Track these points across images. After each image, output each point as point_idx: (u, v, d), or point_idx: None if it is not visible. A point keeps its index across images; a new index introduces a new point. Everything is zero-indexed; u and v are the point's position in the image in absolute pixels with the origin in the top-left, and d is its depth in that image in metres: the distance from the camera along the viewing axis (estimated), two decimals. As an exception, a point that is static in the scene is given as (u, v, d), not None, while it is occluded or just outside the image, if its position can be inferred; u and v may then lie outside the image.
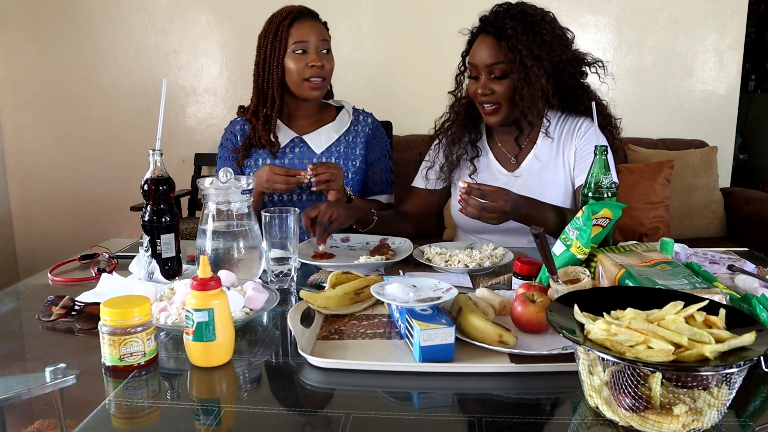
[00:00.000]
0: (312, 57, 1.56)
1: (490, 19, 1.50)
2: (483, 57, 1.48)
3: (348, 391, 0.81)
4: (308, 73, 1.56)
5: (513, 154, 1.61)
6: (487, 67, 1.47)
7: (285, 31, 1.56)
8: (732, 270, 1.13)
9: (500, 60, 1.46)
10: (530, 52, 1.43)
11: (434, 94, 1.78)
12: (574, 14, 3.12)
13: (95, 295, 1.10)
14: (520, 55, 1.43)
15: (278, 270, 1.17)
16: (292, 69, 1.57)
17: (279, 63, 1.58)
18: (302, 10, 1.60)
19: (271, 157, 1.66)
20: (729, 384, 0.67)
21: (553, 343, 0.90)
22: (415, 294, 0.94)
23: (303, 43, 1.56)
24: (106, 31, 3.30)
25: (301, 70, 1.56)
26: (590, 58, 1.55)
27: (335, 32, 1.72)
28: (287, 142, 1.67)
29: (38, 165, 3.46)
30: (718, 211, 2.98)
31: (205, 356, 0.85)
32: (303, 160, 1.66)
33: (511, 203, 1.30)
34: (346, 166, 1.68)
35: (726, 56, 3.16)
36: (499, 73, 1.47)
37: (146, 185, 1.16)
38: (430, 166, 1.68)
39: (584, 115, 1.57)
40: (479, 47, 1.50)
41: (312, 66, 1.55)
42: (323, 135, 1.68)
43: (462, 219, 1.59)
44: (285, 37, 1.56)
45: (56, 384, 0.79)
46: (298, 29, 1.57)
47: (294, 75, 1.57)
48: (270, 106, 1.63)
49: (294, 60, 1.56)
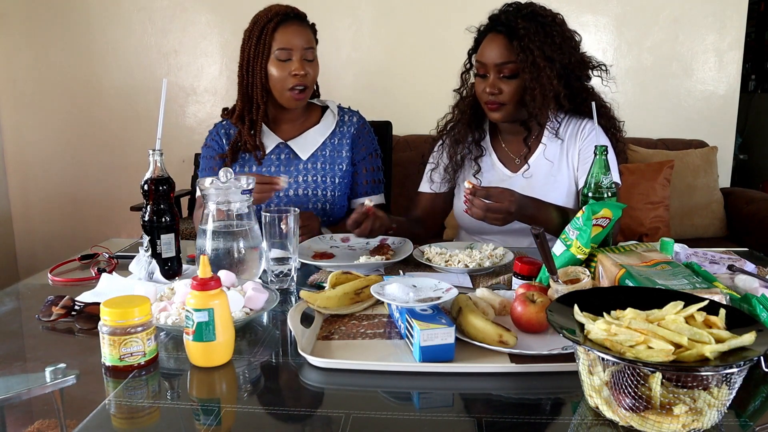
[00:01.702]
0: (295, 65, 1.52)
1: (501, 18, 1.49)
2: (493, 56, 1.47)
3: (348, 391, 0.81)
4: (291, 83, 1.53)
5: (518, 155, 1.61)
6: (497, 66, 1.47)
7: (269, 35, 1.52)
8: (732, 270, 1.13)
9: (511, 59, 1.45)
10: (542, 53, 1.44)
11: (434, 94, 1.78)
12: (574, 14, 3.11)
13: (95, 295, 1.10)
14: (533, 56, 1.43)
15: (278, 270, 1.17)
16: (275, 76, 1.54)
17: (262, 67, 1.54)
18: (288, 12, 1.56)
19: (257, 163, 1.63)
20: (729, 384, 0.67)
21: (553, 343, 0.90)
22: (415, 294, 0.94)
23: (287, 50, 1.52)
24: (106, 31, 3.30)
25: (284, 79, 1.53)
26: (595, 62, 1.55)
27: (335, 32, 1.72)
28: (272, 148, 1.64)
29: (38, 165, 3.46)
30: (718, 211, 2.98)
31: (205, 356, 0.85)
32: (289, 167, 1.64)
33: (516, 204, 1.30)
34: (332, 170, 1.66)
35: (726, 56, 3.16)
36: (509, 72, 1.46)
37: (146, 185, 1.16)
38: (434, 167, 1.68)
39: (588, 117, 1.57)
40: (489, 45, 1.49)
41: (295, 75, 1.52)
42: (309, 139, 1.65)
43: (466, 220, 1.58)
44: (269, 41, 1.53)
45: (56, 384, 0.79)
46: (282, 34, 1.53)
47: (276, 83, 1.55)
48: (255, 111, 1.60)
49: (277, 67, 1.53)
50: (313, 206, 1.66)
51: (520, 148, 1.60)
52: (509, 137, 1.63)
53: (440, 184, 1.67)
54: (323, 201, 1.66)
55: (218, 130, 1.69)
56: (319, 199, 1.66)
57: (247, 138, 1.60)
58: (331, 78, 1.63)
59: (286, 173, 1.64)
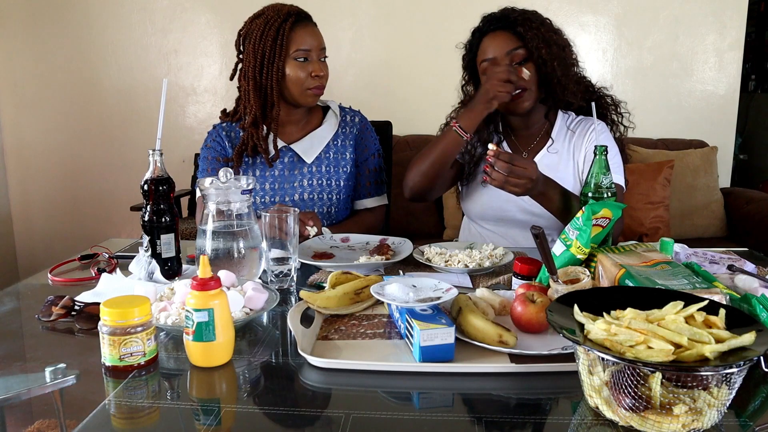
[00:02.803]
0: (315, 66, 1.52)
1: (497, 15, 1.51)
2: (501, 46, 1.48)
3: (348, 391, 0.81)
4: (311, 84, 1.53)
5: (526, 149, 1.61)
6: (508, 54, 1.47)
7: (286, 35, 1.50)
8: (732, 270, 1.13)
9: (520, 45, 1.46)
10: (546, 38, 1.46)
11: (434, 94, 1.78)
12: (574, 14, 3.11)
13: (95, 295, 1.10)
14: (540, 33, 1.45)
15: (278, 270, 1.17)
16: (293, 77, 1.52)
17: (279, 68, 1.52)
18: (301, 13, 1.55)
19: (266, 166, 1.62)
20: (729, 384, 0.67)
21: (553, 343, 0.90)
22: (415, 294, 0.94)
23: (306, 51, 1.52)
24: (106, 31, 3.30)
25: (304, 80, 1.52)
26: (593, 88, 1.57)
27: (335, 32, 1.72)
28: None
29: (38, 165, 3.46)
30: (718, 211, 2.98)
31: (205, 356, 0.85)
32: (293, 171, 1.63)
33: (538, 173, 1.30)
34: (336, 173, 1.65)
35: (726, 56, 3.16)
36: (520, 58, 1.47)
37: (146, 185, 1.16)
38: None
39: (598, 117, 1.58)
40: (492, 42, 1.49)
41: (315, 76, 1.52)
42: (313, 142, 1.64)
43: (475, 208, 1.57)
44: (286, 42, 1.51)
45: (56, 384, 0.79)
46: (301, 35, 1.52)
47: (295, 83, 1.53)
48: (270, 112, 1.57)
49: (296, 67, 1.52)
50: (318, 210, 1.64)
51: (529, 142, 1.61)
52: (519, 132, 1.63)
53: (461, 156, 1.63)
54: (328, 204, 1.65)
55: (219, 132, 1.66)
56: (324, 202, 1.65)
57: (261, 140, 1.57)
58: (331, 78, 1.61)
59: (290, 177, 1.63)
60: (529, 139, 1.61)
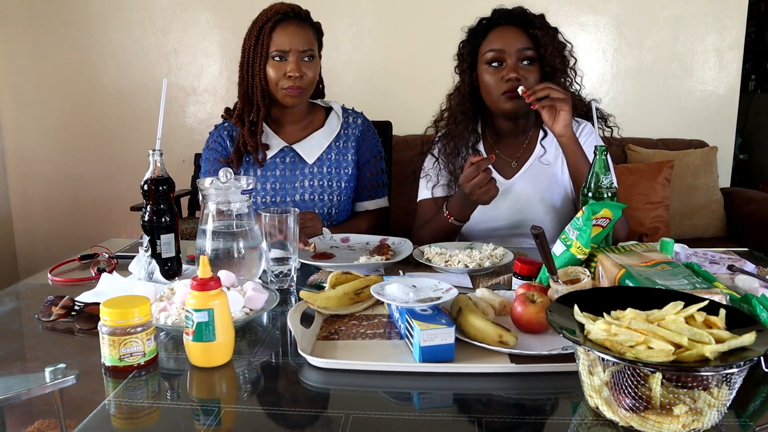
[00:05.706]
0: (291, 66, 1.50)
1: (513, 12, 1.50)
2: (512, 42, 1.47)
3: (348, 391, 0.81)
4: (286, 84, 1.51)
5: (513, 157, 1.60)
6: (518, 51, 1.46)
7: (267, 36, 1.50)
8: (732, 270, 1.13)
9: (531, 46, 1.46)
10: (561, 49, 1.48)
11: (435, 94, 1.77)
12: (574, 14, 3.11)
13: (95, 295, 1.10)
14: (555, 43, 1.46)
15: (278, 270, 1.17)
16: (270, 77, 1.53)
17: (261, 68, 1.52)
18: (288, 12, 1.53)
19: (258, 166, 1.61)
20: (729, 384, 0.67)
21: (553, 343, 0.90)
22: (415, 294, 0.94)
23: (282, 51, 1.50)
24: (106, 31, 3.30)
25: (278, 80, 1.52)
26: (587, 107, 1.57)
27: (335, 32, 1.71)
28: (277, 152, 1.62)
29: (38, 165, 3.46)
30: (718, 211, 2.98)
31: (205, 356, 0.85)
32: (294, 172, 1.63)
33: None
34: (338, 175, 1.64)
35: (726, 56, 3.16)
36: (528, 59, 1.47)
37: (146, 185, 1.16)
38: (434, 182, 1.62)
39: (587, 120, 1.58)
40: (502, 35, 1.48)
41: (290, 77, 1.50)
42: (314, 143, 1.63)
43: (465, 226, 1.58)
44: (267, 41, 1.51)
45: (56, 384, 0.79)
46: (279, 35, 1.51)
47: (273, 83, 1.53)
48: (255, 112, 1.58)
49: (273, 67, 1.52)
50: (319, 211, 1.64)
51: (516, 150, 1.59)
52: (507, 140, 1.61)
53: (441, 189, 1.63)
54: (329, 206, 1.65)
55: (221, 132, 1.66)
56: (325, 203, 1.65)
57: (248, 139, 1.58)
58: (331, 78, 1.61)
59: (291, 177, 1.62)
60: (517, 147, 1.59)
